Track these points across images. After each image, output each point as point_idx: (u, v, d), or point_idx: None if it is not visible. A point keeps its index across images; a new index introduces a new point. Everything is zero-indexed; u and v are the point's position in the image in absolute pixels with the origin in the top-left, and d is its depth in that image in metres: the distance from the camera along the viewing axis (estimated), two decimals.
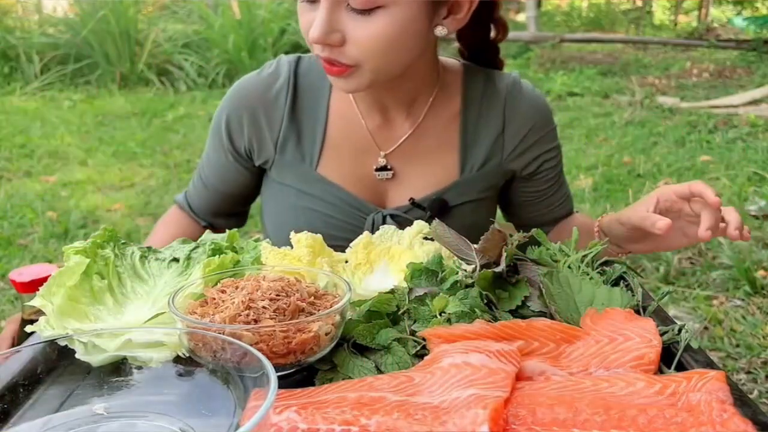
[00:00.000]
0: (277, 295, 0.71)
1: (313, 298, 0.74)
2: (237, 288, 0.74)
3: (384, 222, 1.16)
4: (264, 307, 0.69)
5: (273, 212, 1.25)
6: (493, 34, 1.22)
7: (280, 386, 0.54)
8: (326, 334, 0.69)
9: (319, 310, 0.72)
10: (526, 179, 1.25)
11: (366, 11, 0.95)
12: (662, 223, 0.97)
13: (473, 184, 1.21)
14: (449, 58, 1.23)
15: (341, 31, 0.97)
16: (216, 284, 0.77)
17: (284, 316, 0.69)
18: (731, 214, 0.99)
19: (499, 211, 1.34)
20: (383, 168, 1.18)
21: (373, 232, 1.03)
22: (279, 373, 0.69)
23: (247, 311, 0.69)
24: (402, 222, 1.14)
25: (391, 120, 1.18)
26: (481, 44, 1.22)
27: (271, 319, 0.68)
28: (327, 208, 1.18)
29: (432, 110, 1.18)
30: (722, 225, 0.99)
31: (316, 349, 0.69)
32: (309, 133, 1.18)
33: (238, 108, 1.19)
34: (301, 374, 0.71)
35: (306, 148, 1.18)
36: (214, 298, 0.73)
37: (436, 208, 1.17)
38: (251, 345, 0.65)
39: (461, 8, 1.05)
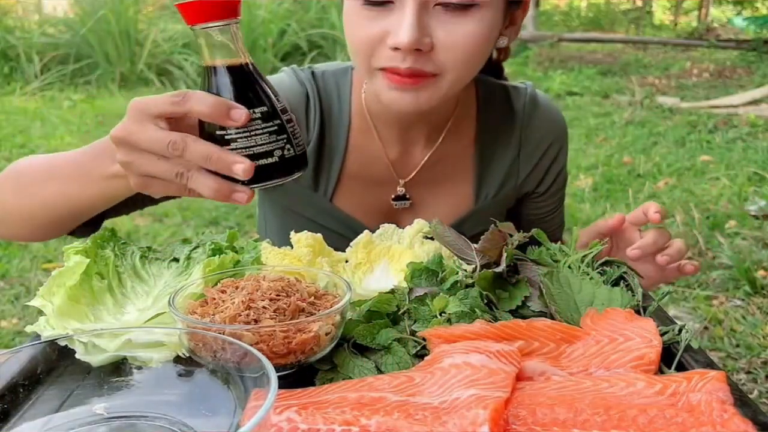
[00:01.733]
0: (277, 295, 0.71)
1: (313, 298, 0.74)
2: (237, 288, 0.74)
3: None
4: (264, 307, 0.69)
5: (278, 234, 1.19)
6: (495, 54, 1.16)
7: (280, 386, 0.54)
8: (326, 334, 0.69)
9: (319, 310, 0.72)
10: (538, 196, 1.22)
11: (462, 8, 0.88)
12: (613, 220, 0.97)
13: (488, 211, 1.15)
14: None
15: (430, 35, 0.89)
16: (216, 284, 0.77)
17: (284, 316, 0.69)
18: (676, 244, 1.00)
19: None
20: (401, 197, 1.13)
21: None
22: (279, 373, 0.69)
23: (247, 311, 0.69)
24: None
25: (412, 148, 1.12)
26: (487, 64, 1.12)
27: (272, 319, 0.68)
28: (341, 240, 1.10)
29: (449, 135, 1.12)
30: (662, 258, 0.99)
31: (316, 349, 0.69)
32: (327, 163, 1.11)
33: None
34: (301, 374, 0.71)
35: (322, 177, 1.12)
36: (214, 298, 0.73)
37: None
38: (251, 345, 0.65)
39: (518, 17, 1.00)
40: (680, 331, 0.75)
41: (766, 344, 2.24)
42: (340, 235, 1.12)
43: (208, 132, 0.69)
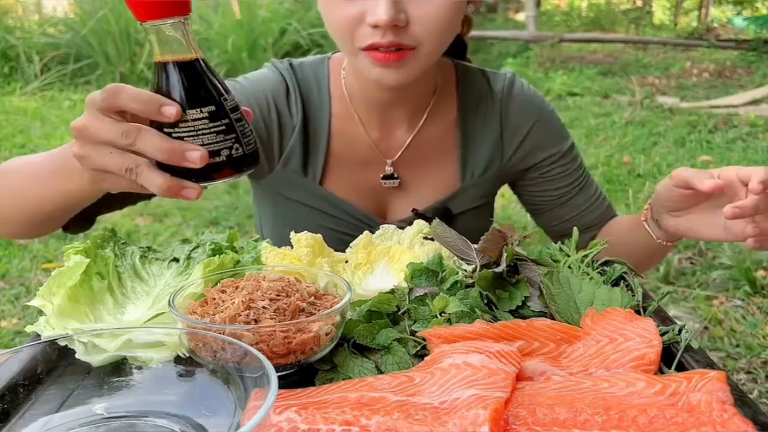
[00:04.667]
0: (277, 295, 0.71)
1: (313, 298, 0.74)
2: (237, 288, 0.74)
3: None
4: (264, 308, 0.69)
5: (274, 224, 1.23)
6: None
7: (280, 386, 0.54)
8: (326, 334, 0.69)
9: (319, 310, 0.72)
10: (535, 180, 1.23)
11: None
12: (710, 182, 0.87)
13: (475, 190, 1.20)
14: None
15: (405, 10, 0.95)
16: (216, 284, 0.77)
17: (284, 316, 0.69)
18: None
19: (495, 212, 1.34)
20: (390, 176, 1.17)
21: None
22: (279, 373, 0.69)
23: (247, 311, 0.69)
24: None
25: (394, 130, 1.16)
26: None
27: (271, 319, 0.68)
28: (334, 223, 1.17)
29: (431, 117, 1.17)
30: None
31: (316, 349, 0.69)
32: (313, 147, 1.16)
33: (249, 106, 1.12)
34: (301, 374, 0.71)
35: (310, 163, 1.16)
36: (214, 298, 0.73)
37: (440, 218, 1.15)
38: (251, 345, 0.65)
39: None
40: (680, 331, 0.75)
41: (766, 344, 2.24)
42: (330, 216, 1.17)
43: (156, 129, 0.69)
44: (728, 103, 5.90)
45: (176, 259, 0.87)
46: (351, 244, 0.95)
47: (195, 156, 0.66)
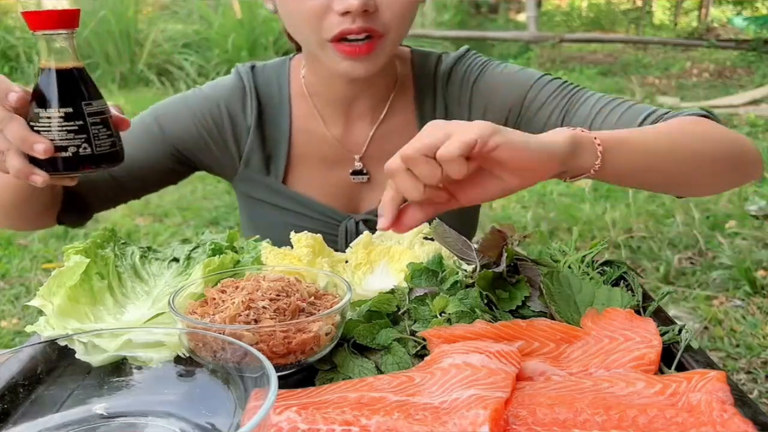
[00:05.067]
0: (277, 295, 0.71)
1: (313, 298, 0.74)
2: (237, 288, 0.74)
3: (357, 228, 1.15)
4: (264, 307, 0.69)
5: (248, 224, 1.25)
6: None
7: (280, 386, 0.54)
8: (326, 334, 0.69)
9: (319, 310, 0.72)
10: (530, 120, 1.11)
11: None
12: (383, 222, 0.76)
13: None
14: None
15: None
16: (216, 284, 0.77)
17: (284, 316, 0.69)
18: None
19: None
20: (359, 172, 1.17)
21: (347, 239, 0.99)
22: (279, 373, 0.69)
23: (247, 311, 0.69)
24: (375, 227, 1.07)
25: (357, 125, 1.16)
26: None
27: (271, 319, 0.68)
28: (299, 219, 1.17)
29: (392, 110, 1.16)
30: None
31: (316, 349, 0.69)
32: (274, 146, 1.17)
33: (202, 117, 1.14)
34: (301, 374, 0.71)
35: (272, 162, 1.17)
36: (214, 298, 0.73)
37: None
38: (251, 345, 0.65)
39: None
40: (680, 331, 0.75)
41: (766, 344, 2.24)
42: (295, 213, 1.17)
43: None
44: (728, 103, 5.90)
45: (176, 259, 0.87)
46: (351, 244, 0.95)
47: (39, 148, 0.76)
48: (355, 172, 1.17)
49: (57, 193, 1.12)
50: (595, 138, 0.77)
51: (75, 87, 0.79)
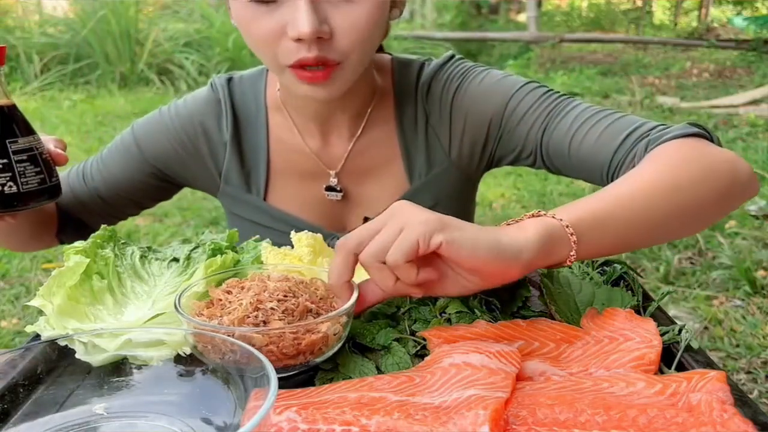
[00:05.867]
0: (285, 296, 0.71)
1: (319, 298, 0.74)
2: (243, 289, 0.73)
3: None
4: (272, 309, 0.69)
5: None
6: None
7: (280, 386, 0.54)
8: (334, 334, 0.69)
9: (326, 310, 0.72)
10: (510, 141, 1.07)
11: None
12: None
13: (427, 189, 1.12)
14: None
15: (327, 22, 0.89)
16: (220, 284, 0.77)
17: (293, 317, 0.69)
18: None
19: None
20: (332, 188, 1.12)
21: None
22: (287, 374, 0.69)
23: (255, 313, 0.69)
24: None
25: (335, 138, 1.11)
26: None
27: (280, 320, 0.68)
28: (281, 238, 1.09)
29: (371, 123, 1.11)
30: None
31: (324, 349, 0.69)
32: (252, 161, 1.13)
33: (176, 134, 1.13)
34: (301, 374, 0.71)
35: (252, 177, 1.14)
36: (220, 299, 0.73)
37: None
38: (261, 347, 0.65)
39: None
40: (680, 331, 0.75)
41: (766, 344, 2.24)
42: (275, 230, 1.13)
43: None
44: (728, 103, 5.90)
45: (176, 259, 0.87)
46: None
47: None
48: (329, 188, 1.13)
49: (47, 216, 1.12)
50: (567, 226, 0.72)
51: (1, 125, 0.81)
